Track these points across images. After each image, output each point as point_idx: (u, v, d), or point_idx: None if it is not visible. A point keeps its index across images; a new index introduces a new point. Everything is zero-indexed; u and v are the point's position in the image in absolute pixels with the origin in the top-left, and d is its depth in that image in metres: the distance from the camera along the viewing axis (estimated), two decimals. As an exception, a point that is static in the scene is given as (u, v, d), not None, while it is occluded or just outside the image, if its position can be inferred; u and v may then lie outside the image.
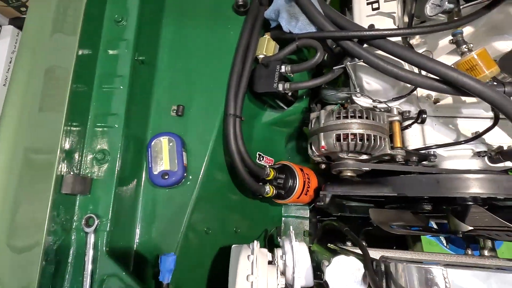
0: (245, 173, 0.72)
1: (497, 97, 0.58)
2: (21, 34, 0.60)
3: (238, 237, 0.79)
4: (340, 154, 0.78)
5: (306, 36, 0.72)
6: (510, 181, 0.63)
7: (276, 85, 0.73)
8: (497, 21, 0.75)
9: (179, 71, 0.75)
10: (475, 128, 0.78)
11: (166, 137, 0.66)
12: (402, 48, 0.65)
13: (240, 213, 0.83)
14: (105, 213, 0.56)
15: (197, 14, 0.78)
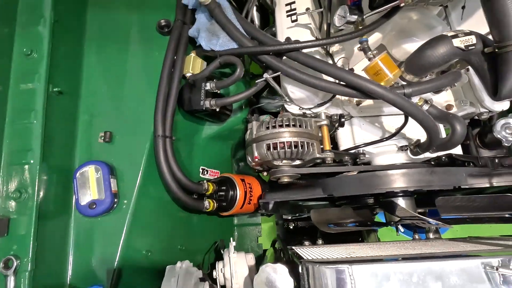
0: (180, 191, 0.73)
1: (396, 98, 0.64)
2: None
3: (183, 254, 0.80)
4: (274, 162, 0.81)
5: (227, 52, 0.75)
6: (422, 173, 0.69)
7: (203, 103, 0.75)
8: (403, 25, 0.82)
9: (105, 97, 0.75)
10: (399, 124, 0.84)
11: (92, 166, 0.66)
12: (313, 59, 0.69)
13: (185, 229, 0.83)
14: (25, 252, 0.55)
15: (120, 38, 0.79)
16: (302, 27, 0.80)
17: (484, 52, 0.65)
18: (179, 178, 0.73)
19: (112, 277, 0.63)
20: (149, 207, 0.72)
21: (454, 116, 0.73)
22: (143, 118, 0.74)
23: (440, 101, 0.85)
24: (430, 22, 0.79)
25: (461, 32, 0.66)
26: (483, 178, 0.67)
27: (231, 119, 0.97)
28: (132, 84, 0.77)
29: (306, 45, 0.69)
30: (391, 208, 0.78)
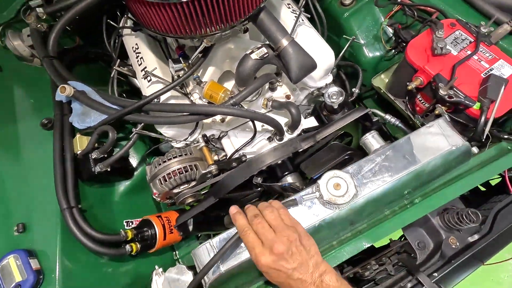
0: (99, 247, 0.86)
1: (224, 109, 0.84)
2: None
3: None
4: (174, 191, 0.97)
5: (99, 124, 0.93)
6: (270, 153, 0.89)
7: (93, 169, 0.91)
8: (230, 54, 1.06)
9: (11, 196, 0.88)
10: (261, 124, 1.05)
11: (10, 256, 0.77)
12: (162, 104, 0.90)
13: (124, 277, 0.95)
14: None
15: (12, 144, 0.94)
16: (155, 84, 1.01)
17: (274, 55, 0.90)
18: (95, 236, 0.86)
19: None
20: (78, 269, 0.84)
21: (288, 103, 0.96)
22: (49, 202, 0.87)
23: (280, 94, 1.08)
24: (245, 45, 1.04)
25: (255, 48, 0.90)
26: (310, 139, 0.88)
27: (140, 171, 1.13)
28: (32, 178, 0.91)
29: (152, 97, 0.89)
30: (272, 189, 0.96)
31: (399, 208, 0.72)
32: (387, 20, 1.13)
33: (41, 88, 1.05)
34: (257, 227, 0.66)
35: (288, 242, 0.61)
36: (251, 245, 0.65)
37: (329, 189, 0.63)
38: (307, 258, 0.61)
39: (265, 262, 0.62)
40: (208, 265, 0.61)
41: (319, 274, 0.60)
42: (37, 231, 0.84)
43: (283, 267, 0.60)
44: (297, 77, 0.86)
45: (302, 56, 0.85)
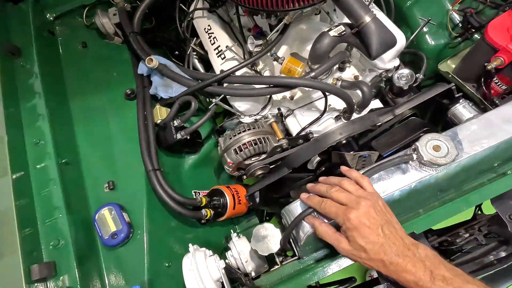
0: (180, 208, 0.90)
1: (307, 82, 0.88)
2: None
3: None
4: (246, 162, 1.01)
5: (181, 95, 0.99)
6: (345, 125, 0.91)
7: (175, 136, 0.96)
8: (301, 35, 1.10)
9: (99, 157, 0.95)
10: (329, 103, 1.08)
11: (106, 208, 0.83)
12: (241, 77, 0.94)
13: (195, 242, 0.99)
14: (74, 284, 0.69)
15: (99, 113, 1.02)
16: (230, 60, 1.06)
17: (352, 33, 0.92)
18: (176, 198, 0.91)
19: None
20: (160, 227, 0.89)
21: (360, 81, 0.98)
22: (134, 164, 0.94)
23: (348, 75, 1.11)
24: (317, 26, 1.07)
25: (333, 26, 0.93)
26: (388, 113, 0.90)
27: (205, 146, 1.19)
28: (117, 142, 0.98)
29: (232, 70, 0.94)
30: (343, 159, 0.98)
31: (488, 181, 0.72)
32: (457, 5, 1.13)
33: (121, 63, 1.13)
34: (336, 194, 0.64)
35: (372, 200, 0.60)
36: (334, 210, 0.63)
37: (429, 151, 0.64)
38: (393, 221, 0.60)
39: (355, 217, 0.59)
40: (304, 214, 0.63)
41: (409, 240, 0.57)
42: (125, 190, 0.90)
43: (373, 221, 0.58)
44: (377, 52, 0.88)
45: (384, 32, 0.87)
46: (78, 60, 1.10)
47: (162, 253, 0.86)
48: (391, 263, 0.55)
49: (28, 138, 0.85)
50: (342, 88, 1.05)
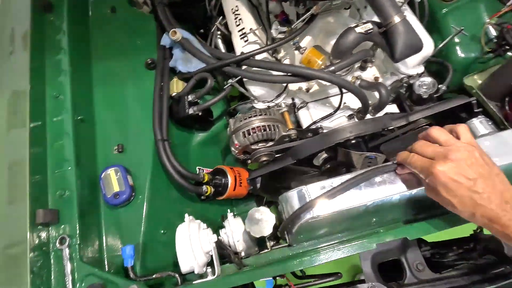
0: (182, 180, 0.93)
1: (325, 75, 0.87)
2: None
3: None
4: (252, 146, 1.02)
5: (200, 71, 1.00)
6: (356, 125, 0.90)
7: (187, 110, 0.98)
8: (326, 28, 1.09)
9: (113, 120, 0.98)
10: (344, 100, 1.07)
11: (112, 169, 0.86)
12: (261, 61, 0.95)
13: (192, 216, 1.02)
14: (74, 233, 0.73)
15: (118, 77, 1.04)
16: (252, 44, 1.06)
17: (379, 32, 0.90)
18: (179, 170, 0.93)
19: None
20: (160, 196, 0.92)
21: (379, 83, 0.96)
22: (144, 132, 0.96)
23: (369, 76, 1.09)
24: (344, 21, 1.05)
25: (360, 22, 0.92)
26: (402, 119, 0.89)
27: (215, 126, 1.20)
28: (132, 108, 1.00)
29: (253, 53, 0.94)
30: (349, 157, 0.97)
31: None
32: (495, 19, 1.08)
33: (146, 33, 1.15)
34: (422, 147, 0.60)
35: (465, 151, 0.54)
36: (420, 164, 0.58)
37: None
38: (491, 173, 0.54)
39: (443, 171, 0.54)
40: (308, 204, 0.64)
41: (510, 194, 0.52)
42: (132, 154, 0.93)
43: (463, 176, 0.53)
44: (401, 55, 0.86)
45: (411, 34, 0.85)
46: (105, 24, 1.12)
47: (159, 220, 0.89)
48: (483, 216, 0.53)
49: (49, 91, 0.88)
50: (360, 87, 1.04)
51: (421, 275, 0.68)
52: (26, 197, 0.70)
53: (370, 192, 0.65)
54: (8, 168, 0.75)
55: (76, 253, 0.72)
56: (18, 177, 0.73)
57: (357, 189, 0.65)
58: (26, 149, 0.75)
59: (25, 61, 0.84)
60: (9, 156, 0.77)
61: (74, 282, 0.69)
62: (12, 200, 0.72)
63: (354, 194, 0.64)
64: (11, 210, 0.71)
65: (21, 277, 0.64)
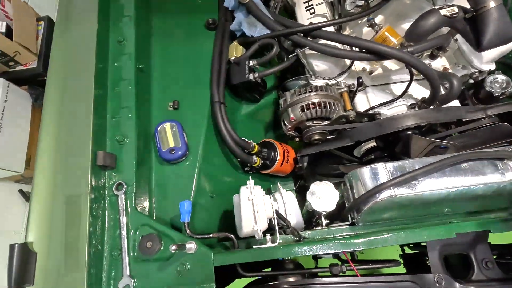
0: (235, 146, 0.90)
1: (404, 55, 0.82)
2: (50, 58, 0.78)
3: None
4: (307, 123, 0.98)
5: (265, 37, 0.95)
6: (430, 112, 0.85)
7: (247, 75, 0.94)
8: (400, 9, 1.03)
9: (169, 75, 0.94)
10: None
11: (168, 123, 0.83)
12: (335, 34, 0.89)
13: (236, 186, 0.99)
14: (131, 180, 0.71)
15: (178, 34, 1.00)
16: (319, 16, 1.01)
17: (465, 18, 0.85)
18: (233, 135, 0.90)
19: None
20: (211, 159, 0.89)
21: (451, 73, 0.91)
22: (201, 91, 0.93)
23: (437, 65, 1.03)
24: (420, 4, 1.00)
25: (446, 5, 0.86)
26: (478, 112, 0.83)
27: (263, 100, 1.16)
28: (188, 66, 0.97)
29: (325, 24, 0.89)
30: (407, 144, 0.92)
31: None
32: None
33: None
34: None
35: None
36: None
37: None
38: None
39: None
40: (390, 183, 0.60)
41: None
42: (187, 113, 0.89)
43: None
44: (490, 43, 0.80)
45: (505, 22, 0.79)
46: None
47: (209, 183, 0.86)
48: None
49: (113, 35, 0.85)
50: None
51: (490, 273, 0.64)
52: (89, 138, 0.67)
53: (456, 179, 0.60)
54: (70, 112, 0.72)
55: (132, 201, 0.69)
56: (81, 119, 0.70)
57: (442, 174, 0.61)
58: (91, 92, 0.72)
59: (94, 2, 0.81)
60: (73, 99, 0.74)
61: (128, 230, 0.66)
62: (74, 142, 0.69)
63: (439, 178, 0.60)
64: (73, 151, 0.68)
65: (80, 219, 0.62)
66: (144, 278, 0.62)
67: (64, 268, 0.59)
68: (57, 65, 0.77)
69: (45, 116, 0.71)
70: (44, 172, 0.65)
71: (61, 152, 0.67)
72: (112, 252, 0.64)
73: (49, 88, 0.74)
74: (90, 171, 0.65)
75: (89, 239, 0.61)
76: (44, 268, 0.59)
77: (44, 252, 0.59)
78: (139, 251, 0.63)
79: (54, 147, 0.68)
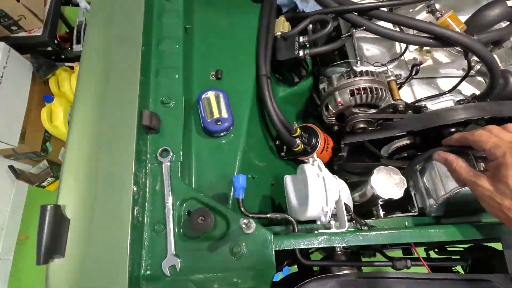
0: (280, 125, 0.82)
1: (473, 43, 0.78)
2: (90, 12, 0.68)
3: (273, 190, 0.87)
4: (353, 109, 0.92)
5: (318, 12, 0.89)
6: (491, 105, 0.81)
7: (297, 52, 0.87)
8: (453, 3, 0.99)
9: (211, 45, 0.86)
10: (452, 84, 0.98)
11: (213, 92, 0.75)
12: (395, 15, 0.84)
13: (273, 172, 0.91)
14: (177, 147, 0.62)
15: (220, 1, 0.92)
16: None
17: (532, 11, 0.81)
18: (278, 112, 0.83)
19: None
20: (254, 137, 0.81)
21: (507, 70, 0.87)
22: (245, 62, 0.85)
23: (488, 63, 1.00)
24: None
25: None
26: (543, 108, 0.79)
27: (299, 85, 1.09)
28: (232, 36, 0.89)
29: (384, 4, 0.83)
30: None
31: None
32: None
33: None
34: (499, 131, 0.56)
35: None
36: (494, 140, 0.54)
37: None
38: None
39: None
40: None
41: None
42: (231, 84, 0.81)
43: None
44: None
45: None
46: None
47: (250, 162, 0.78)
48: None
49: (159, -10, 0.76)
50: (479, 72, 0.95)
51: None
52: (136, 95, 0.58)
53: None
54: (114, 67, 0.63)
55: (177, 171, 0.60)
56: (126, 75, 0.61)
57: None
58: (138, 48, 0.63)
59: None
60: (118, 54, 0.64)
61: (174, 203, 0.57)
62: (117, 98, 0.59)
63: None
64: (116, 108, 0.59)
65: (123, 186, 0.52)
66: (191, 258, 0.53)
67: (103, 240, 0.49)
68: (98, 13, 0.67)
69: (83, 70, 0.61)
70: (82, 127, 0.56)
71: (102, 108, 0.58)
72: (156, 226, 0.55)
73: (89, 39, 0.64)
74: (136, 131, 0.56)
75: (132, 210, 0.52)
76: (78, 239, 0.49)
77: (79, 219, 0.50)
78: (189, 227, 0.54)
79: (95, 102, 0.58)
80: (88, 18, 0.70)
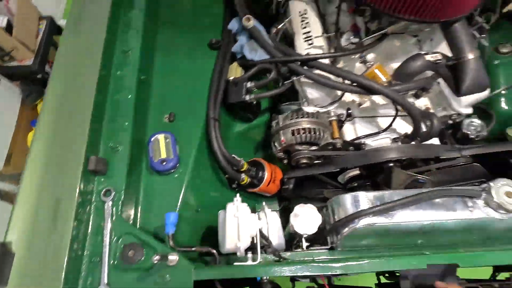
0: (225, 162, 0.92)
1: (390, 93, 0.89)
2: (56, 58, 0.79)
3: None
4: (296, 146, 1.02)
5: (264, 61, 1.01)
6: (411, 147, 0.91)
7: (244, 96, 0.98)
8: (390, 50, 1.11)
9: (168, 89, 0.97)
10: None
11: (162, 134, 0.85)
12: (330, 66, 0.96)
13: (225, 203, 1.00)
14: (119, 188, 0.71)
15: (181, 50, 1.04)
16: (317, 48, 1.07)
17: (447, 65, 0.93)
18: (224, 152, 0.93)
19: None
20: (200, 174, 0.91)
21: (432, 113, 0.98)
22: (197, 106, 0.96)
23: (421, 104, 1.11)
24: (409, 48, 1.08)
25: (430, 52, 0.94)
26: (454, 151, 0.90)
27: (256, 120, 1.20)
28: (189, 81, 1.00)
29: (322, 56, 0.95)
30: (389, 175, 0.97)
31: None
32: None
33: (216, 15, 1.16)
34: None
35: None
36: None
37: (501, 194, 0.64)
38: None
39: None
40: (369, 211, 0.63)
41: None
42: (182, 126, 0.92)
43: None
44: (467, 90, 0.88)
45: (481, 74, 0.87)
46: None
47: (196, 197, 0.87)
48: None
49: (119, 46, 0.88)
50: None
51: (457, 307, 0.68)
52: (84, 142, 0.68)
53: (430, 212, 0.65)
54: (68, 115, 0.73)
55: (118, 208, 0.69)
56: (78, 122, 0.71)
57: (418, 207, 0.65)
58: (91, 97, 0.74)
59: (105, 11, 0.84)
60: (73, 102, 0.75)
61: (111, 237, 0.66)
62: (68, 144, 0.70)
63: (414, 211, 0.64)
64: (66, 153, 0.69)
65: (65, 223, 0.61)
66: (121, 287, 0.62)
67: (41, 271, 0.58)
68: (61, 66, 0.78)
69: (42, 115, 0.72)
70: (34, 171, 0.65)
71: (54, 152, 0.68)
72: (92, 258, 0.64)
73: (51, 88, 0.75)
74: (81, 175, 0.66)
75: (71, 243, 0.61)
76: (20, 270, 0.58)
77: (22, 253, 0.59)
78: (120, 259, 0.63)
79: (48, 147, 0.68)
80: (53, 66, 0.81)
